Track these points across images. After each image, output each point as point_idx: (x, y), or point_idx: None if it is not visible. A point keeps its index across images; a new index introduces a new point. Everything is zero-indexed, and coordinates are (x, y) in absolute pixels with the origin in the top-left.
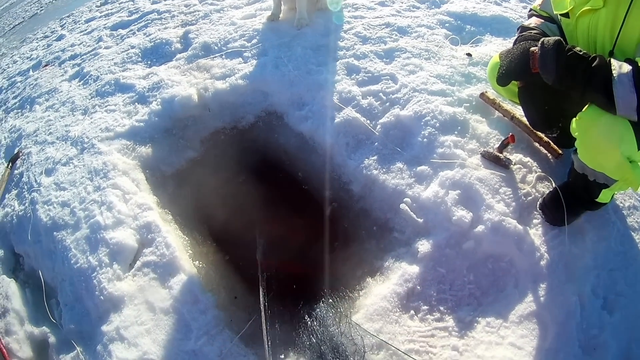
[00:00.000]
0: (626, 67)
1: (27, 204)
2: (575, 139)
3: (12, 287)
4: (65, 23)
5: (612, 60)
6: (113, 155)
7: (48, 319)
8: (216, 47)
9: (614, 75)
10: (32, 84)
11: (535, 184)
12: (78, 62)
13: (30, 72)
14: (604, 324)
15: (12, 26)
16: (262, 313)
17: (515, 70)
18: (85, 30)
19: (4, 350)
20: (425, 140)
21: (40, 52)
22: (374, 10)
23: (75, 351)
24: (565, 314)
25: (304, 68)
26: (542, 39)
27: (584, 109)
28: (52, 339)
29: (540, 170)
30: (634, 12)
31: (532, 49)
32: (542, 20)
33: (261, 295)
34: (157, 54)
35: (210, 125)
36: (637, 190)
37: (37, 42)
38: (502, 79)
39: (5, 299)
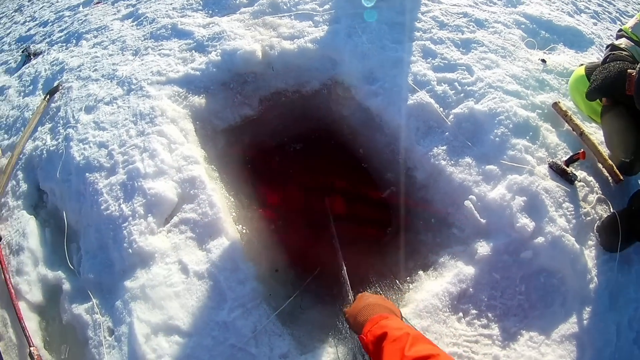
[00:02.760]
0: None
1: (60, 140)
2: None
3: (31, 224)
4: None
5: None
6: (162, 101)
7: (65, 264)
8: (285, 7)
9: None
10: (81, 19)
11: (595, 205)
12: (133, 3)
13: (80, 8)
14: (633, 358)
15: None
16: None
17: (609, 87)
18: None
19: (12, 291)
20: (497, 139)
21: None
22: None
23: (91, 303)
24: (604, 341)
25: (379, 43)
26: None
27: None
28: (66, 286)
29: (600, 192)
30: None
31: (630, 71)
32: (632, 43)
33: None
34: (219, 5)
35: (272, 85)
36: None
37: None
38: (593, 93)
39: (21, 236)
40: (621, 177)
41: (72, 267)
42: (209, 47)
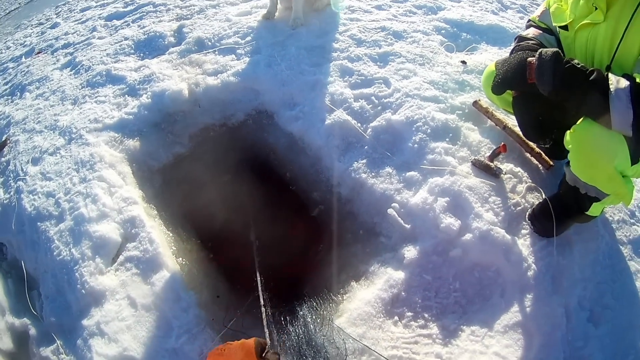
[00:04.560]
0: (624, 83)
1: (12, 193)
2: (568, 151)
3: None
4: (60, 11)
5: (610, 75)
6: (100, 147)
7: (29, 311)
8: (209, 43)
9: (611, 90)
10: (23, 70)
11: (525, 194)
12: (70, 51)
13: (23, 59)
14: (589, 336)
15: (7, 11)
16: (262, 308)
17: (511, 79)
18: (80, 19)
19: None
20: (415, 146)
21: (34, 39)
22: (370, 14)
23: (56, 344)
24: (551, 325)
25: (297, 68)
26: (540, 50)
27: (578, 122)
28: (32, 331)
29: (530, 180)
30: (633, 29)
31: (530, 59)
32: (540, 32)
33: (259, 288)
34: (150, 47)
35: (200, 121)
36: (628, 205)
37: (31, 29)
38: (498, 87)
39: None
40: (551, 163)
41: (35, 313)
42: (140, 90)
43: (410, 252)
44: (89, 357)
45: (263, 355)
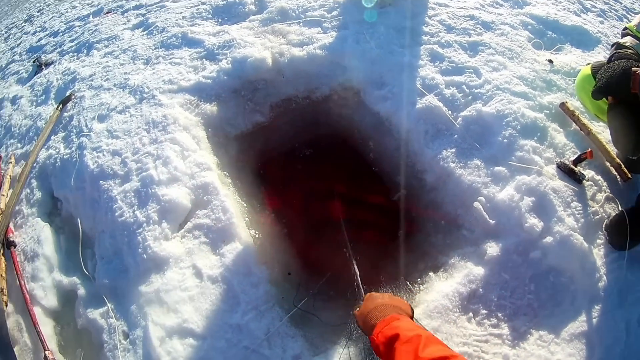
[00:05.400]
0: None
1: (74, 148)
2: None
3: (45, 231)
4: None
5: None
6: (175, 109)
7: (80, 270)
8: (294, 14)
9: None
10: (91, 29)
11: (604, 203)
12: (142, 13)
13: (90, 18)
14: None
15: None
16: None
17: (615, 86)
18: None
19: (27, 296)
20: (505, 140)
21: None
22: (457, 1)
23: (106, 307)
24: (613, 339)
25: (387, 48)
26: None
27: None
28: (81, 291)
29: (609, 191)
30: None
31: (635, 69)
32: (637, 41)
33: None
34: (229, 13)
35: (282, 91)
36: None
37: None
38: (598, 92)
39: (36, 243)
40: (629, 176)
41: (87, 273)
42: (219, 55)
43: (492, 248)
44: (143, 324)
45: None
